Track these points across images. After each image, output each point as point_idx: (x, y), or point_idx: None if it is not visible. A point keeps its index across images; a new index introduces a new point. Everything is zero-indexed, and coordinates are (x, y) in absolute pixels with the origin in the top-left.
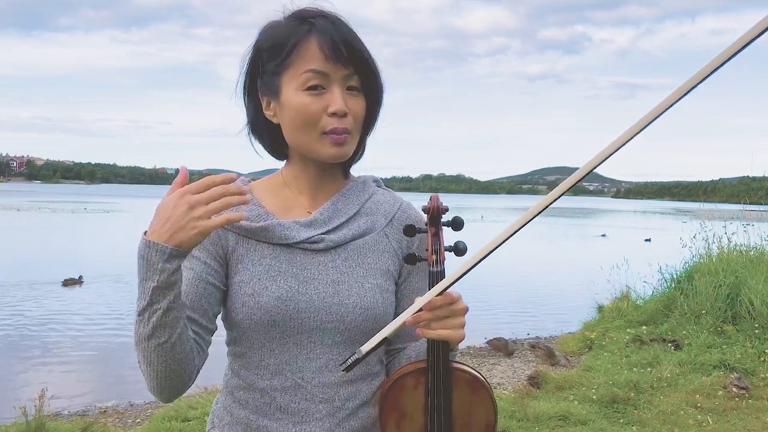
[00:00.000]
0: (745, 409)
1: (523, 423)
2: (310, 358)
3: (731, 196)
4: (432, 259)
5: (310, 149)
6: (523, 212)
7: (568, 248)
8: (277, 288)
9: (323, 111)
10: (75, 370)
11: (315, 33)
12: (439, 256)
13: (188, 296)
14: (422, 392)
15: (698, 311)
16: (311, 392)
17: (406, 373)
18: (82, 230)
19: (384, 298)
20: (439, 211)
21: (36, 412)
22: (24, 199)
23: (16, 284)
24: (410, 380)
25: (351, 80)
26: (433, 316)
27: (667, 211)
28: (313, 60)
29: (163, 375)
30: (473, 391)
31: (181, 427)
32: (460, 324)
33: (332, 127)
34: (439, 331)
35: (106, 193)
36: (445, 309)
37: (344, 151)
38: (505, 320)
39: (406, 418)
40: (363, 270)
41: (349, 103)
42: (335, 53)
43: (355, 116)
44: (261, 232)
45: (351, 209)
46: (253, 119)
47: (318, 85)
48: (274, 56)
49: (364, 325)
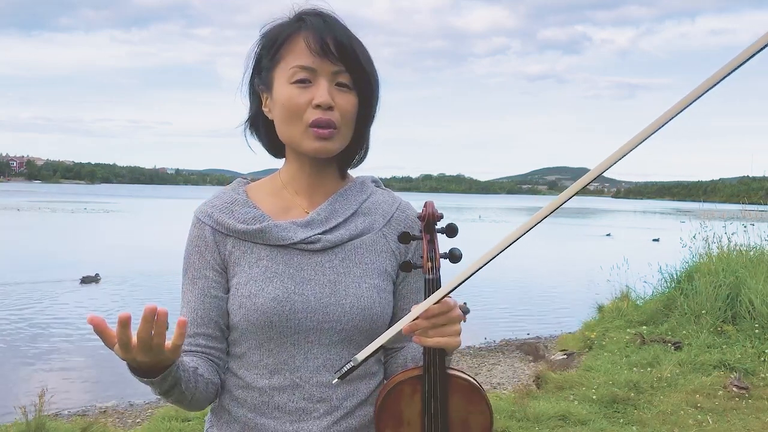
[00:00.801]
0: (745, 409)
1: (523, 423)
2: (307, 357)
3: (731, 196)
4: (427, 266)
5: (297, 142)
6: (523, 212)
7: (573, 248)
8: (273, 289)
9: (308, 103)
10: (75, 370)
11: (304, 29)
12: (434, 263)
13: (197, 313)
14: (419, 399)
15: (698, 311)
16: (309, 391)
17: (402, 381)
18: (83, 230)
19: (381, 298)
20: (434, 218)
21: (36, 412)
22: (24, 199)
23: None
24: (407, 388)
25: (340, 76)
26: (429, 324)
27: (667, 211)
28: (301, 55)
29: (185, 407)
30: (469, 398)
31: (181, 427)
32: (456, 331)
33: (315, 118)
34: (437, 339)
35: (106, 193)
36: (441, 317)
37: (328, 146)
38: (505, 320)
39: (404, 425)
40: (360, 270)
41: (337, 98)
42: (322, 48)
43: (343, 112)
44: (257, 234)
45: (349, 209)
46: (253, 116)
47: (305, 78)
48: (268, 52)
49: (362, 325)
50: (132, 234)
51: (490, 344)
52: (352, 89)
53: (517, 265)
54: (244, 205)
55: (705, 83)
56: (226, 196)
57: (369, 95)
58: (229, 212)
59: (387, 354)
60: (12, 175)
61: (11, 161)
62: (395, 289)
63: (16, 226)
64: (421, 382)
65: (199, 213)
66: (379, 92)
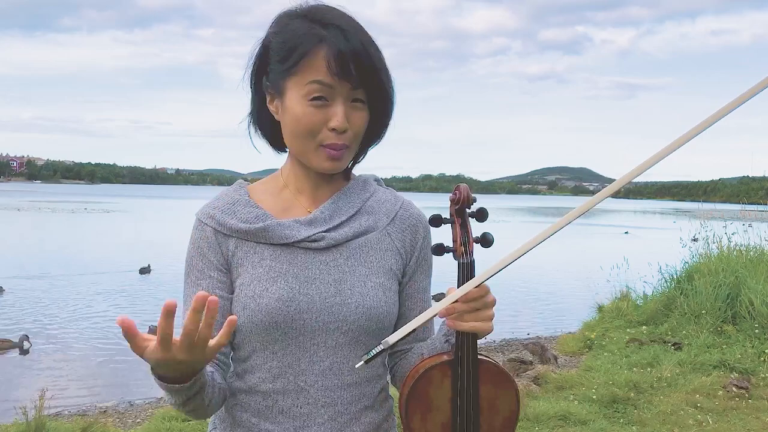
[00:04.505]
0: (745, 409)
1: (523, 423)
2: (313, 361)
3: (731, 196)
4: (461, 250)
5: (306, 158)
6: (523, 212)
7: (579, 247)
8: (277, 289)
9: (323, 124)
10: (75, 370)
11: (325, 44)
12: (468, 247)
13: None
14: (449, 385)
15: (698, 311)
16: (314, 396)
17: (432, 366)
18: (84, 229)
19: (387, 297)
20: (467, 202)
21: (36, 412)
22: (24, 199)
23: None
24: (437, 373)
25: (356, 92)
26: (468, 308)
27: (667, 211)
28: (319, 72)
29: (195, 416)
30: (499, 383)
31: (181, 427)
32: (490, 316)
33: (330, 142)
34: (472, 323)
35: (106, 193)
36: (479, 301)
37: (339, 165)
38: (506, 320)
39: (433, 410)
40: (365, 269)
41: (351, 116)
42: (342, 68)
43: (356, 130)
44: (260, 233)
45: (352, 208)
46: (257, 110)
47: (322, 96)
48: (282, 59)
49: (367, 325)
50: (132, 234)
51: (490, 344)
52: (366, 104)
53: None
54: (246, 205)
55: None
56: (228, 197)
57: (383, 112)
58: (231, 213)
59: (393, 357)
60: (12, 175)
61: (11, 161)
62: (401, 289)
63: (16, 226)
64: (452, 367)
65: (201, 215)
66: (393, 108)
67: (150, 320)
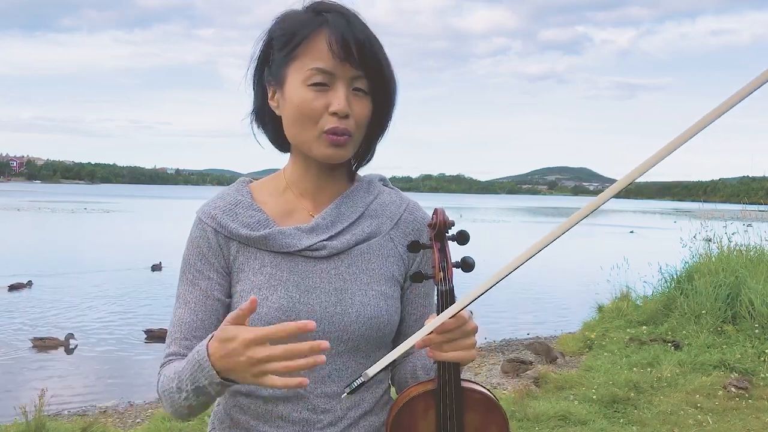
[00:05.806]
0: (745, 409)
1: (523, 423)
2: (312, 368)
3: (731, 196)
4: (439, 276)
5: (308, 147)
6: (523, 212)
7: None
8: (277, 298)
9: (324, 109)
10: (75, 369)
11: (326, 28)
12: (447, 273)
13: (197, 315)
14: (433, 416)
15: (698, 311)
16: (313, 402)
17: (415, 396)
18: (84, 230)
19: (389, 305)
20: (445, 226)
21: (36, 412)
22: (24, 199)
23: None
24: (420, 403)
25: (358, 81)
26: (444, 339)
27: (667, 211)
28: (320, 56)
29: (195, 414)
30: (485, 412)
31: (181, 427)
32: (471, 345)
33: (332, 126)
34: (452, 354)
35: (106, 193)
36: (456, 331)
37: (341, 153)
38: (505, 320)
39: None
40: (367, 277)
41: (353, 104)
42: (344, 52)
43: (358, 119)
44: (262, 240)
45: (355, 212)
46: (259, 108)
47: (322, 82)
48: (283, 46)
49: (369, 334)
50: (132, 234)
51: (490, 344)
52: (368, 94)
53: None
54: (248, 208)
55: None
56: (230, 196)
57: (385, 102)
58: (232, 215)
59: (394, 362)
60: (12, 175)
61: (11, 161)
62: (402, 294)
63: (16, 225)
64: (435, 397)
65: (202, 214)
66: (396, 98)
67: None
